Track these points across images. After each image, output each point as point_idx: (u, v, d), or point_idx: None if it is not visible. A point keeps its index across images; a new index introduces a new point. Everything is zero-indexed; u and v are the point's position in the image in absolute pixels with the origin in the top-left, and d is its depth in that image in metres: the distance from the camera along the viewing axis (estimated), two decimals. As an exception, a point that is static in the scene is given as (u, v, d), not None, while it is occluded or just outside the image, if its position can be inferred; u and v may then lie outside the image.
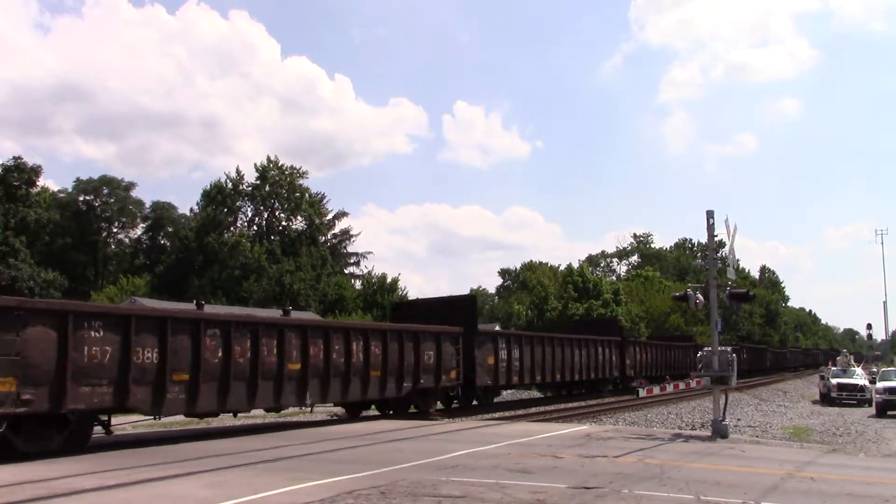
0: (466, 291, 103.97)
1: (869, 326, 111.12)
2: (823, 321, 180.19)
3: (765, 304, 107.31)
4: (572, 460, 12.49)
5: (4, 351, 12.17)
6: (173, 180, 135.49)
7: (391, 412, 23.30)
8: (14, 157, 53.18)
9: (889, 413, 28.12)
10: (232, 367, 16.14)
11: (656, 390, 21.94)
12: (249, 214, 71.12)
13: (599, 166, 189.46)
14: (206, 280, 59.21)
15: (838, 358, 47.84)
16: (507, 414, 25.27)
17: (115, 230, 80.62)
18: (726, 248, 19.40)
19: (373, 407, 24.21)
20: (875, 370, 41.55)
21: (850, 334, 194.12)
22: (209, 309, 29.76)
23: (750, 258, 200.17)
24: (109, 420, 14.98)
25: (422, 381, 22.38)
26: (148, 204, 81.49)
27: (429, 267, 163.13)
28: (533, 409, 27.84)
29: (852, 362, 44.46)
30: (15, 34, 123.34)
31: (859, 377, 36.49)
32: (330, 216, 74.03)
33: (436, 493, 9.29)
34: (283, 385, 17.51)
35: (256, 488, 9.51)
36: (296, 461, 12.41)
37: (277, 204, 70.49)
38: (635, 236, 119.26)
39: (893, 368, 36.29)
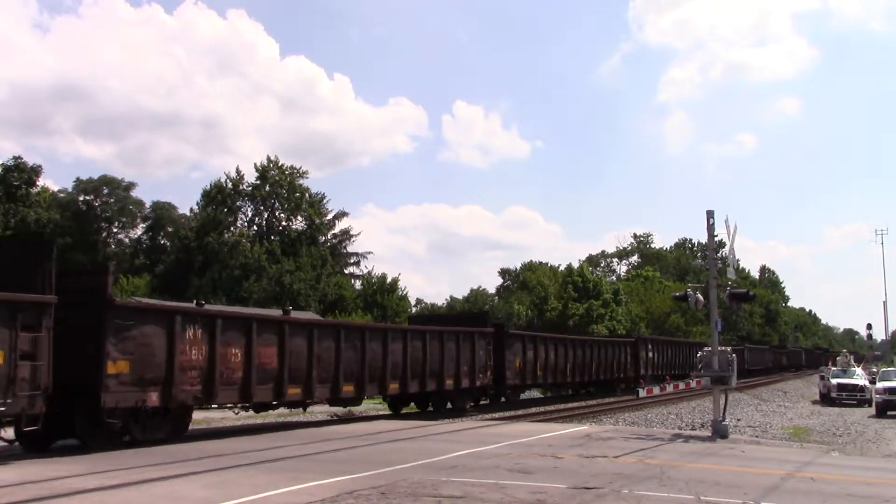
0: (466, 292, 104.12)
1: (869, 326, 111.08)
2: (823, 321, 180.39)
3: (765, 304, 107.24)
4: (572, 460, 12.51)
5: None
6: (173, 180, 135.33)
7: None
8: (14, 157, 53.22)
9: (889, 413, 28.13)
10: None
11: (656, 390, 21.96)
12: (249, 214, 70.96)
13: (599, 166, 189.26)
14: (206, 280, 59.14)
15: (838, 358, 47.77)
16: (507, 414, 25.33)
17: (115, 230, 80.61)
18: (726, 248, 19.43)
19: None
20: (875, 370, 41.54)
21: (850, 334, 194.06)
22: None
23: (750, 258, 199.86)
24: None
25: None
26: (148, 204, 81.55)
27: (429, 267, 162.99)
28: (533, 409, 27.89)
29: (852, 362, 44.45)
30: (14, 34, 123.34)
31: (859, 377, 36.49)
32: (330, 216, 73.91)
33: (436, 493, 9.31)
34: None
35: (257, 488, 9.53)
36: (296, 461, 12.43)
37: (277, 204, 70.37)
38: (635, 236, 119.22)
39: (893, 368, 36.30)
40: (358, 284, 70.26)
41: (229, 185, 68.18)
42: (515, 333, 31.11)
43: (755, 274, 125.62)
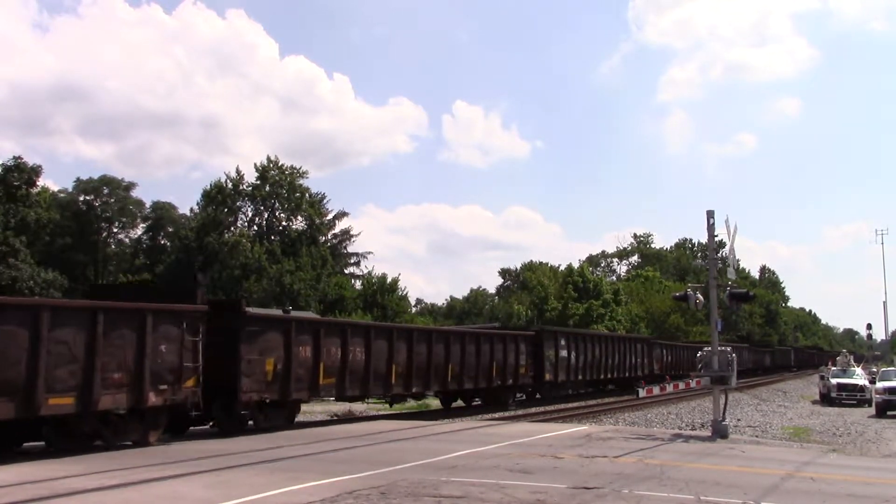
0: (466, 291, 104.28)
1: (869, 326, 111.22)
2: (823, 321, 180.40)
3: (765, 304, 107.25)
4: (572, 460, 12.51)
5: None
6: (173, 180, 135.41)
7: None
8: (14, 157, 53.13)
9: (889, 413, 28.13)
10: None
11: (656, 390, 21.96)
12: (249, 214, 71.08)
13: (599, 166, 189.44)
14: (206, 280, 59.21)
15: (838, 358, 47.76)
16: (507, 414, 25.33)
17: (115, 230, 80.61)
18: (726, 248, 19.43)
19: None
20: (875, 370, 41.55)
21: (850, 334, 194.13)
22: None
23: (750, 258, 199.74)
24: None
25: None
26: (148, 204, 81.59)
27: (429, 267, 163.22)
28: (533, 410, 27.87)
29: (852, 362, 44.45)
30: (14, 34, 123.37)
31: (859, 377, 36.50)
32: (330, 216, 74.04)
33: (436, 493, 9.31)
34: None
35: (256, 488, 9.53)
36: (296, 461, 12.42)
37: (277, 204, 70.45)
38: (635, 236, 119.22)
39: (893, 368, 36.30)
40: (358, 284, 70.32)
41: (229, 185, 68.25)
42: (266, 317, 18.91)
43: (755, 274, 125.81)
